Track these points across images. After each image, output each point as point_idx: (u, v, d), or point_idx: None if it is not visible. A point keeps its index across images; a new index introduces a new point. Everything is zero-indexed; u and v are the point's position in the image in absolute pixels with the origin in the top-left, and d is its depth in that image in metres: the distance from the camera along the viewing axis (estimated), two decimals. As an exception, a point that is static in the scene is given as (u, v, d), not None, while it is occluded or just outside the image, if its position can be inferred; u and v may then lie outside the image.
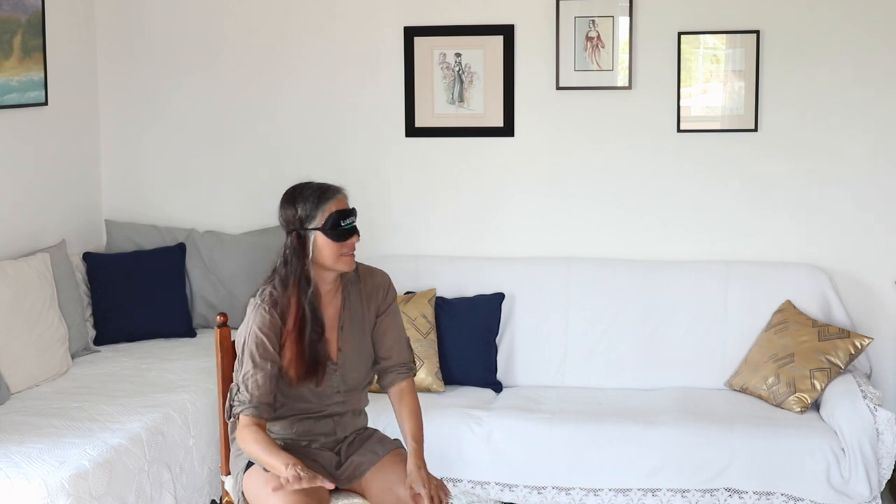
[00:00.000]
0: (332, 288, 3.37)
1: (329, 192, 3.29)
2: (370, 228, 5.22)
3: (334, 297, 3.38)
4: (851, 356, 4.52)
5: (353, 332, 3.39)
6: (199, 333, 5.09)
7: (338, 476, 3.36)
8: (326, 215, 3.25)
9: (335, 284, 3.38)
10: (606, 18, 4.94)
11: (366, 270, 3.48)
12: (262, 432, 3.18)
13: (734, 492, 4.21)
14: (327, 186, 3.31)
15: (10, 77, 4.63)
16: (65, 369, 4.51)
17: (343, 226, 3.26)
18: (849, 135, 4.89)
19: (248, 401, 3.19)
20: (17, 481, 3.36)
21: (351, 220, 3.30)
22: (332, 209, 3.26)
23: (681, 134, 4.99)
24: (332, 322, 3.36)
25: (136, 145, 5.43)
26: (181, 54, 5.34)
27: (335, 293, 3.38)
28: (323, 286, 3.33)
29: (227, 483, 3.51)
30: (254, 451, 3.15)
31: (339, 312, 3.38)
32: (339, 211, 3.27)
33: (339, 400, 3.37)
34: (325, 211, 3.25)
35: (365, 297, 3.44)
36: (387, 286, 3.48)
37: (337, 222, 3.26)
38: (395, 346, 3.45)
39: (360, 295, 3.43)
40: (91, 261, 5.01)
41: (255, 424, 3.18)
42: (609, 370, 4.88)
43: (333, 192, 3.30)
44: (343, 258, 3.28)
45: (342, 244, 3.26)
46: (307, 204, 3.26)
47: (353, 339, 3.38)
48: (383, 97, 5.19)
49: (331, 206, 3.26)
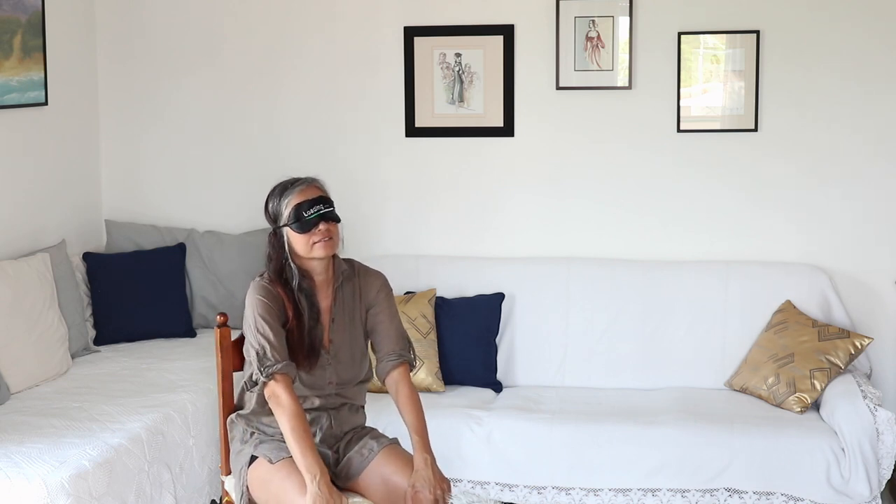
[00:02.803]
0: (325, 280, 3.40)
1: (294, 185, 3.34)
2: (370, 228, 5.24)
3: (328, 289, 3.41)
4: (851, 356, 4.52)
5: (343, 325, 3.42)
6: (199, 333, 5.09)
7: (336, 475, 3.36)
8: (290, 209, 3.30)
9: (328, 276, 3.41)
10: (606, 18, 4.94)
11: (363, 269, 3.52)
12: (302, 413, 3.18)
13: (734, 492, 4.21)
14: (293, 180, 3.37)
15: (10, 77, 4.63)
16: (65, 369, 4.50)
17: (307, 216, 3.29)
18: (849, 135, 4.89)
19: (275, 361, 3.21)
20: (17, 481, 3.36)
21: (317, 208, 3.31)
22: (295, 202, 3.30)
23: (681, 134, 4.99)
24: (325, 315, 3.39)
25: (136, 145, 5.43)
26: (181, 54, 5.34)
27: (328, 285, 3.41)
28: (315, 277, 3.38)
29: (227, 483, 3.51)
30: (287, 430, 3.15)
31: (330, 305, 3.41)
32: (302, 202, 3.30)
33: (332, 392, 3.38)
34: (288, 205, 3.31)
35: (358, 293, 3.46)
36: (380, 283, 3.50)
37: (300, 214, 3.29)
38: (387, 337, 3.46)
39: (353, 290, 3.46)
40: (91, 261, 5.01)
41: (293, 391, 3.19)
42: (609, 370, 4.88)
43: (300, 183, 3.34)
44: (316, 245, 3.31)
45: (311, 234, 3.29)
46: (274, 201, 3.35)
47: (343, 331, 3.42)
48: (383, 97, 5.19)
49: (293, 199, 3.31)
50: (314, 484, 3.06)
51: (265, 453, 3.27)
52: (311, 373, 3.33)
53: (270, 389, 3.22)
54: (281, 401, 3.19)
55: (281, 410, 3.18)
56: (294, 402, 3.19)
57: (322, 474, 3.08)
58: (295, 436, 3.14)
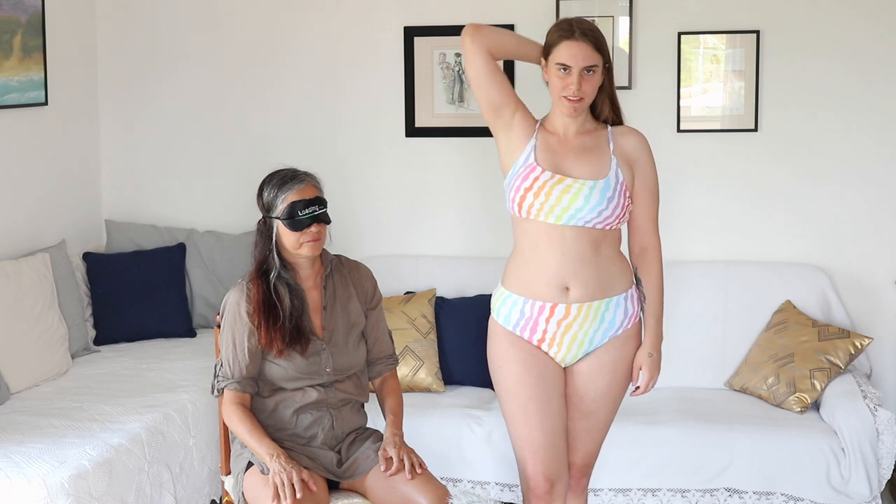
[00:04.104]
0: (312, 272, 3.44)
1: (293, 181, 3.35)
2: (370, 228, 5.24)
3: (316, 280, 3.44)
4: (851, 356, 4.53)
5: (336, 313, 3.44)
6: (199, 333, 5.09)
7: (339, 474, 3.37)
8: (286, 204, 3.32)
9: (313, 269, 3.44)
10: (606, 18, 4.94)
11: (347, 260, 3.57)
12: (248, 413, 3.32)
13: (734, 492, 4.21)
14: (293, 175, 3.38)
15: (10, 77, 4.63)
16: (65, 369, 4.51)
17: (300, 216, 3.31)
18: (849, 135, 4.89)
19: (230, 375, 3.32)
20: (17, 481, 3.36)
21: (312, 209, 3.33)
22: (291, 199, 3.32)
23: (681, 134, 4.99)
24: (316, 304, 3.42)
25: (136, 145, 5.43)
26: (181, 54, 5.34)
27: (317, 275, 3.45)
28: (300, 270, 3.42)
29: (227, 483, 3.51)
30: (239, 432, 3.30)
31: (321, 294, 3.44)
32: (298, 201, 3.32)
33: (331, 379, 3.39)
34: (284, 200, 3.32)
35: (351, 284, 3.50)
36: (374, 282, 3.58)
37: (294, 212, 3.31)
38: (382, 340, 3.58)
39: (343, 280, 3.49)
40: (91, 261, 5.01)
41: (239, 402, 3.32)
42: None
43: (298, 180, 3.36)
44: (305, 245, 3.35)
45: (301, 233, 3.33)
46: (272, 191, 3.36)
47: (336, 319, 3.44)
48: (383, 97, 5.20)
49: (290, 196, 3.32)
50: (274, 461, 3.18)
51: (259, 462, 3.29)
52: (306, 358, 3.36)
53: (226, 400, 3.35)
54: (227, 412, 3.34)
55: (229, 419, 3.33)
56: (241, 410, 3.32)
57: (280, 453, 3.21)
58: (244, 428, 3.28)
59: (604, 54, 3.32)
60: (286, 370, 3.34)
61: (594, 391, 3.42)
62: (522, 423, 3.39)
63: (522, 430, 3.39)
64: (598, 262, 3.34)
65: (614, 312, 3.37)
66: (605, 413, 3.47)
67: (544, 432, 3.37)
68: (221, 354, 3.37)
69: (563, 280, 3.32)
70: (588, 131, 3.41)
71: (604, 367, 3.40)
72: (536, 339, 3.38)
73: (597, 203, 3.28)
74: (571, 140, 3.39)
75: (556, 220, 3.29)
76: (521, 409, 3.38)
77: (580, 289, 3.32)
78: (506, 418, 3.46)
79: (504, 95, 3.41)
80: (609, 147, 3.37)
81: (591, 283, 3.33)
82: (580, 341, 3.37)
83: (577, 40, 3.27)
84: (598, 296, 3.34)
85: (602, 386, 3.41)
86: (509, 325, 3.41)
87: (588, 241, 3.32)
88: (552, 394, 3.39)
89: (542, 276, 3.34)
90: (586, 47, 3.27)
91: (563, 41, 3.30)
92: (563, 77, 3.31)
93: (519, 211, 3.35)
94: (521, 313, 3.38)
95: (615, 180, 3.32)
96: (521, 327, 3.39)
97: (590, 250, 3.33)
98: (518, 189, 3.34)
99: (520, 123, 3.43)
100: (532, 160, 3.35)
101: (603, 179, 3.31)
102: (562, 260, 3.31)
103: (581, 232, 3.30)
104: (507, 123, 3.43)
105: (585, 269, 3.32)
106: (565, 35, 3.30)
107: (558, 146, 3.38)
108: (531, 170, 3.33)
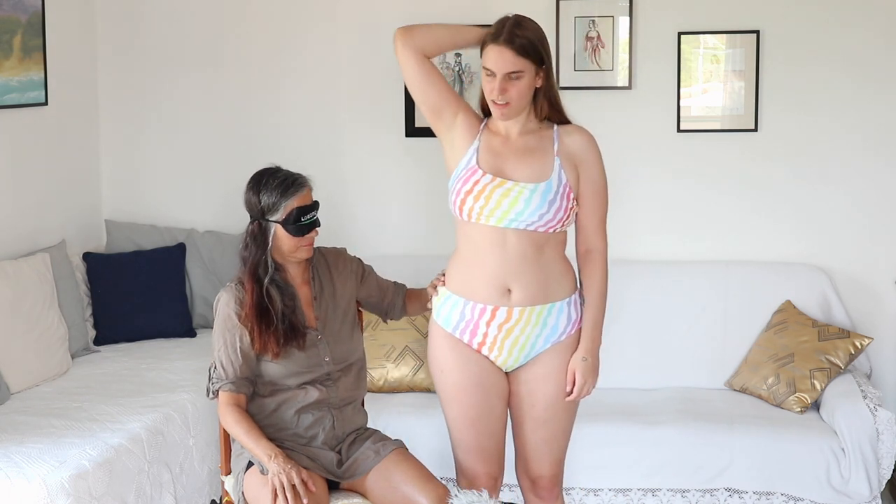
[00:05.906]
0: (300, 269, 3.46)
1: (294, 187, 3.35)
2: (370, 228, 5.24)
3: (304, 274, 3.46)
4: (851, 356, 4.53)
5: (326, 302, 3.46)
6: (199, 333, 5.09)
7: (340, 474, 3.37)
8: (289, 210, 3.32)
9: (301, 265, 3.46)
10: (606, 18, 4.94)
11: (328, 250, 3.58)
12: (244, 414, 3.30)
13: (734, 492, 4.21)
14: (293, 179, 3.37)
15: (10, 77, 4.63)
16: (65, 369, 4.50)
17: (303, 221, 3.34)
18: (849, 135, 4.89)
19: (224, 377, 3.31)
20: (17, 481, 3.36)
21: (312, 214, 3.36)
22: (295, 205, 3.33)
23: (681, 134, 4.99)
24: (307, 298, 3.44)
25: (136, 145, 5.43)
26: (181, 54, 5.34)
27: (304, 269, 3.47)
28: (291, 269, 3.43)
29: (227, 483, 3.51)
30: (236, 434, 3.28)
31: (310, 288, 3.46)
32: (301, 207, 3.33)
33: (330, 370, 3.40)
34: (287, 206, 3.33)
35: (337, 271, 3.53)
36: (354, 257, 3.61)
37: (298, 218, 3.32)
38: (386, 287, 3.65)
39: (327, 268, 3.52)
40: (91, 261, 5.01)
41: (234, 403, 3.30)
42: (609, 370, 4.86)
43: (298, 185, 3.36)
44: (302, 249, 3.38)
45: (301, 238, 3.34)
46: (271, 195, 3.34)
47: (327, 308, 3.46)
48: (383, 97, 5.19)
49: (294, 202, 3.33)
50: (272, 461, 3.17)
51: (258, 462, 3.29)
52: (305, 351, 3.37)
53: (221, 402, 3.34)
54: (223, 414, 3.32)
55: (225, 420, 3.32)
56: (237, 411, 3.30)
57: (278, 453, 3.19)
58: (241, 429, 3.25)
59: (533, 59, 3.23)
60: (286, 367, 3.35)
61: (544, 399, 3.37)
62: (464, 429, 3.39)
63: (464, 435, 3.40)
64: (541, 264, 3.29)
65: (557, 318, 3.32)
66: (562, 420, 3.42)
67: (489, 437, 3.39)
68: (214, 356, 3.37)
69: (504, 282, 3.28)
70: (531, 131, 3.35)
71: (549, 375, 3.35)
72: (476, 342, 3.33)
73: (537, 206, 3.23)
74: (515, 140, 3.33)
75: (496, 223, 3.26)
76: (463, 415, 3.38)
77: (522, 291, 3.27)
78: (447, 421, 3.45)
79: (443, 96, 3.35)
80: (553, 147, 3.31)
81: (533, 285, 3.28)
82: (521, 346, 3.32)
83: (500, 45, 3.22)
84: (540, 300, 3.29)
85: (551, 393, 3.36)
86: (449, 326, 3.37)
87: (530, 243, 3.27)
88: (494, 400, 3.37)
89: (483, 277, 3.29)
90: (508, 53, 3.20)
91: (489, 44, 3.25)
92: (489, 81, 3.25)
93: (460, 214, 3.33)
94: (462, 315, 3.33)
95: (557, 182, 3.26)
96: (461, 330, 3.34)
97: (532, 252, 3.27)
98: (459, 192, 3.31)
99: (462, 125, 3.36)
100: (474, 163, 3.30)
101: (545, 182, 3.25)
102: (503, 261, 3.27)
103: (523, 235, 3.26)
104: (448, 125, 3.37)
105: (528, 270, 3.27)
106: (491, 38, 3.25)
107: (501, 147, 3.32)
108: (472, 173, 3.29)
